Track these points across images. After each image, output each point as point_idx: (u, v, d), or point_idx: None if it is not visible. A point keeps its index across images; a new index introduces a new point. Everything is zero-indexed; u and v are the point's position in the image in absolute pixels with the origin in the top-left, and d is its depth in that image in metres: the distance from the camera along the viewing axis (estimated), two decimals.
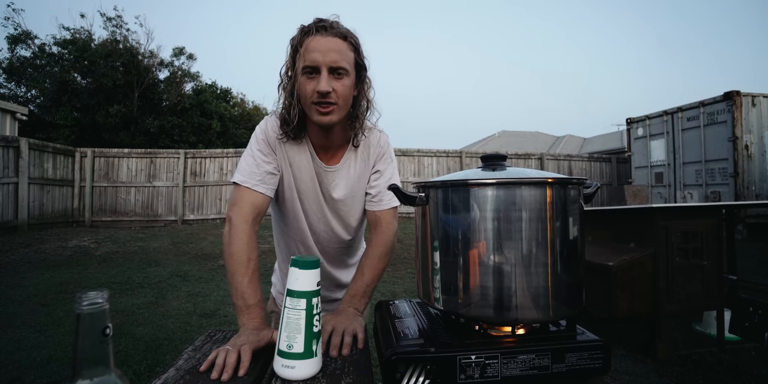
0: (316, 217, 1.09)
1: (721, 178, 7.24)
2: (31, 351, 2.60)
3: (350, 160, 1.06)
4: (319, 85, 0.88)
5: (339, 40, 0.90)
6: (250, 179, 0.97)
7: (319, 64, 0.88)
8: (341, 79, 0.90)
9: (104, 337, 0.42)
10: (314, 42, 0.89)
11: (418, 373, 0.58)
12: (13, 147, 7.17)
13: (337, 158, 1.05)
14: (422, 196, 0.70)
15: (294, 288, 0.66)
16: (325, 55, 0.88)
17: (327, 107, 0.90)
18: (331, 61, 0.88)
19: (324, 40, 0.89)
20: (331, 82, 0.89)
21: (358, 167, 1.07)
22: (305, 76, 0.90)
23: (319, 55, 0.88)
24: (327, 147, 1.03)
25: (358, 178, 1.07)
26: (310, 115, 0.93)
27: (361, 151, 1.07)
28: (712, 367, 2.31)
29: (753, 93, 7.20)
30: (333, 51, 0.89)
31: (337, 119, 0.93)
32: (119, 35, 13.74)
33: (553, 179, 0.62)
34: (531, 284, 0.60)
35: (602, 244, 2.74)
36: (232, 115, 14.97)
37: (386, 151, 1.10)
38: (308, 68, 0.89)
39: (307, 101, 0.91)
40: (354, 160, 1.06)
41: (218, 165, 9.36)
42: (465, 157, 10.16)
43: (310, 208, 1.07)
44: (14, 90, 12.85)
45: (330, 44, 0.89)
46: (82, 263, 5.49)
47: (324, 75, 0.88)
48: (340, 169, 1.05)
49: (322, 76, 0.88)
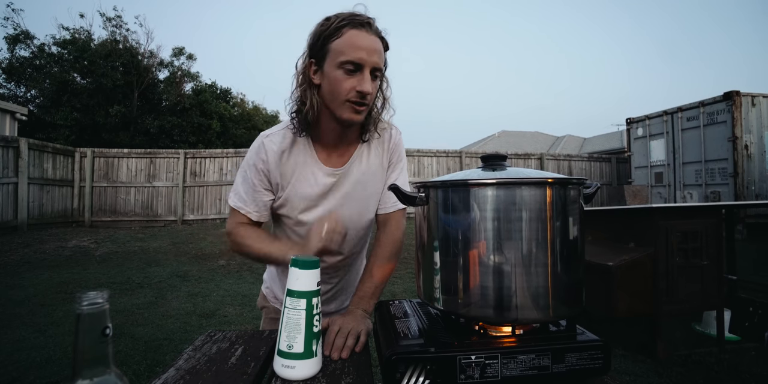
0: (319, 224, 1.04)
1: (720, 178, 7.25)
2: (31, 351, 2.60)
3: (362, 157, 1.02)
4: (364, 86, 0.85)
5: (379, 41, 0.88)
6: (245, 206, 0.98)
7: (364, 63, 0.84)
8: (376, 82, 0.89)
9: (104, 337, 0.42)
10: (360, 37, 0.85)
11: (418, 373, 0.58)
12: (13, 147, 7.17)
13: (347, 155, 1.01)
14: (422, 196, 0.70)
15: (294, 288, 0.66)
16: (371, 54, 0.85)
17: (362, 107, 0.88)
18: (375, 63, 0.86)
19: (369, 38, 0.86)
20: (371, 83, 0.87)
21: (372, 163, 1.03)
22: (343, 70, 0.85)
23: (365, 54, 0.84)
24: (338, 143, 0.99)
25: (371, 174, 1.03)
26: (339, 112, 0.89)
27: (374, 147, 1.03)
28: (712, 367, 2.31)
29: (753, 93, 7.20)
30: (376, 52, 0.86)
31: (363, 119, 0.92)
32: (119, 35, 13.74)
33: (553, 179, 0.62)
34: (531, 284, 0.60)
35: (602, 244, 2.74)
36: (231, 115, 14.96)
37: (398, 149, 1.07)
38: (351, 64, 0.84)
39: (341, 98, 0.87)
40: (366, 157, 1.02)
41: (218, 165, 9.35)
42: (465, 157, 10.17)
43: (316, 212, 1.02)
44: (14, 90, 12.84)
45: (374, 44, 0.86)
46: (82, 263, 5.48)
47: (367, 76, 0.85)
48: (350, 166, 1.00)
49: (365, 76, 0.85)
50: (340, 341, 0.77)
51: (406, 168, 1.10)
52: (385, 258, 1.01)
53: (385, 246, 1.03)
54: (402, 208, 1.06)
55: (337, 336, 0.78)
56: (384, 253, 1.02)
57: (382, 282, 0.99)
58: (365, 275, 1.00)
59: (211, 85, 15.04)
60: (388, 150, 1.05)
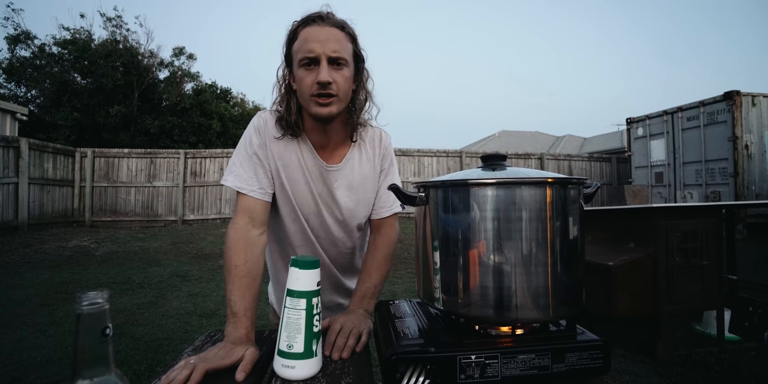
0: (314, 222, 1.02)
1: (721, 177, 7.24)
2: (31, 351, 2.60)
3: (353, 160, 1.01)
4: (320, 76, 0.83)
5: (336, 30, 0.87)
6: (246, 185, 0.93)
7: (318, 55, 0.84)
8: (341, 70, 0.87)
9: (104, 337, 0.42)
10: (311, 32, 0.85)
11: (418, 373, 0.58)
12: (13, 147, 7.17)
13: (337, 157, 1.00)
14: (422, 196, 0.70)
15: (294, 288, 0.66)
16: (324, 45, 0.84)
17: (327, 99, 0.86)
18: (331, 51, 0.84)
19: (322, 30, 0.86)
20: (331, 72, 0.85)
21: (363, 168, 1.02)
22: (303, 68, 0.86)
23: (318, 45, 0.84)
24: (325, 144, 0.98)
25: (363, 179, 1.02)
26: (308, 108, 0.89)
27: (365, 151, 1.02)
28: (712, 367, 2.31)
29: (753, 93, 7.20)
30: (331, 41, 0.85)
31: (337, 111, 0.89)
32: (119, 35, 13.74)
33: (553, 179, 0.62)
34: (531, 284, 0.60)
35: (602, 244, 2.74)
36: (232, 115, 14.95)
37: (389, 153, 1.07)
38: (306, 59, 0.85)
39: (306, 94, 0.87)
40: (358, 160, 1.01)
41: (218, 165, 9.35)
42: (465, 157, 10.16)
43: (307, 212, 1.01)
44: (14, 90, 12.84)
45: (328, 34, 0.85)
46: (82, 263, 5.49)
47: (324, 65, 0.84)
48: (343, 168, 0.99)
49: (321, 67, 0.84)
50: (341, 341, 0.77)
51: (397, 170, 1.10)
52: (382, 259, 1.02)
53: (381, 248, 1.03)
54: (395, 213, 1.06)
55: (338, 336, 0.78)
56: (380, 254, 1.03)
57: (381, 282, 1.00)
58: (364, 276, 1.00)
59: (211, 85, 15.04)
60: (379, 155, 1.05)
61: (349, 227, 1.05)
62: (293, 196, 0.98)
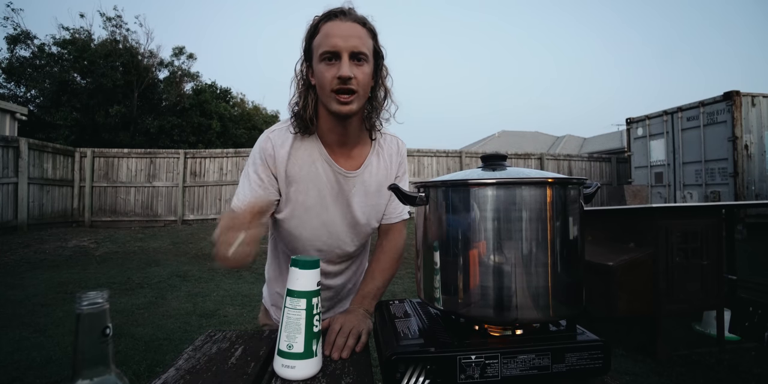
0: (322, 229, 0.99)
1: (720, 178, 7.24)
2: (31, 351, 2.60)
3: (371, 166, 1.00)
4: (341, 70, 0.83)
5: (358, 26, 0.87)
6: None
7: (339, 49, 0.84)
8: (362, 66, 0.86)
9: (104, 337, 0.42)
10: (333, 27, 0.85)
11: (418, 373, 0.58)
12: (13, 147, 7.17)
13: (355, 160, 0.99)
14: (422, 196, 0.70)
15: (294, 288, 0.66)
16: (346, 40, 0.84)
17: (348, 96, 0.85)
18: (353, 47, 0.84)
19: (344, 25, 0.86)
20: (352, 68, 0.84)
21: (380, 175, 1.01)
22: (324, 62, 0.85)
23: (340, 40, 0.84)
24: (342, 143, 0.96)
25: (379, 185, 1.01)
26: (328, 104, 0.88)
27: (383, 159, 1.02)
28: (712, 367, 2.31)
29: (753, 93, 7.20)
30: (353, 36, 0.85)
31: (357, 109, 0.88)
32: (119, 35, 13.73)
33: (553, 179, 0.62)
34: (531, 284, 0.60)
35: (602, 244, 2.74)
36: (231, 115, 14.95)
37: (405, 161, 1.08)
38: (328, 53, 0.84)
39: (326, 90, 0.86)
40: (376, 167, 1.01)
41: (218, 165, 9.35)
42: (465, 157, 10.17)
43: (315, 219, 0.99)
44: (14, 90, 12.84)
45: (350, 29, 0.85)
46: (82, 263, 5.48)
47: (345, 60, 0.84)
48: (361, 174, 0.98)
49: (343, 62, 0.84)
50: (341, 341, 0.77)
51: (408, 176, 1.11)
52: (388, 262, 1.03)
53: (387, 252, 1.04)
54: (405, 219, 1.07)
55: (337, 336, 0.79)
56: (386, 258, 1.03)
57: (384, 285, 1.00)
58: (367, 277, 1.01)
59: (211, 85, 15.03)
60: (396, 162, 1.05)
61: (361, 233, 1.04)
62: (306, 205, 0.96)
